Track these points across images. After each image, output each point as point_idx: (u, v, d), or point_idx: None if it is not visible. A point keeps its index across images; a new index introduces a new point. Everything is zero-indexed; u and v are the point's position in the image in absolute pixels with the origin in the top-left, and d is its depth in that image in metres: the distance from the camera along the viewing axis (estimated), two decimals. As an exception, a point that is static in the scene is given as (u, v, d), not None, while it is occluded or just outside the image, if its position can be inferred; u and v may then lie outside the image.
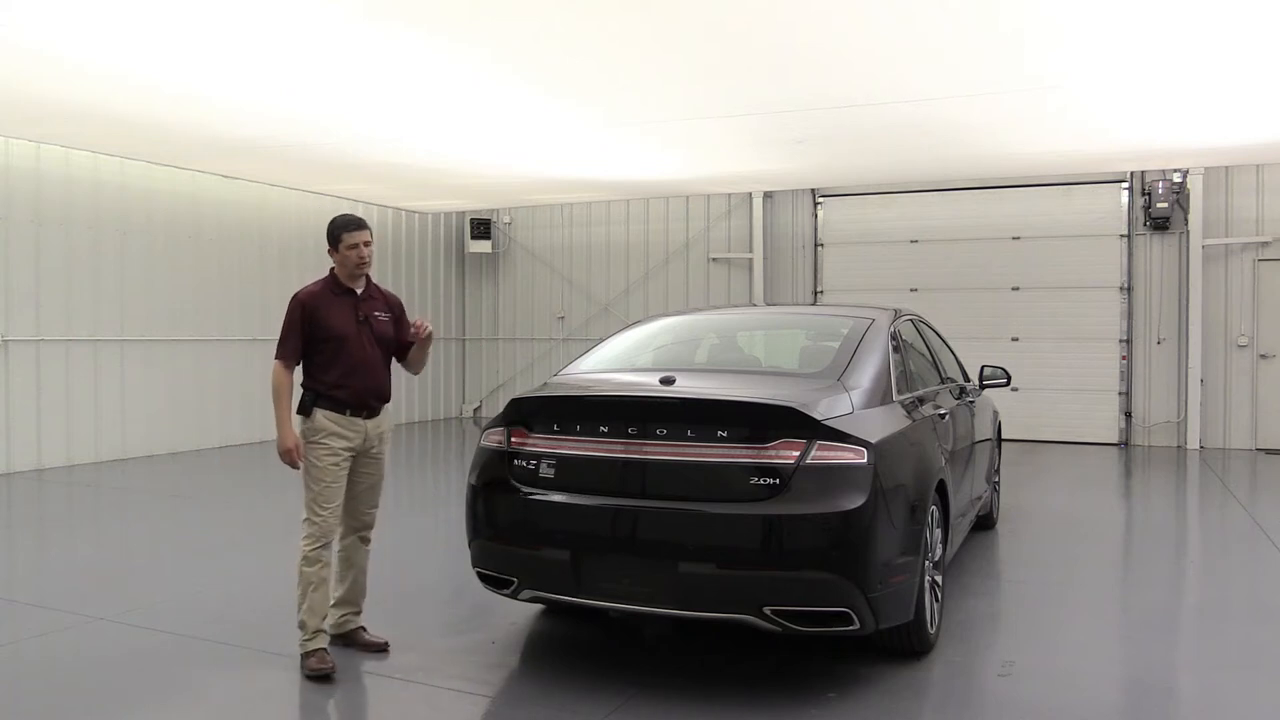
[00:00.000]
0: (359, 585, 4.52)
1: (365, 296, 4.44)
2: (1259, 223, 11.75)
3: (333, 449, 4.26)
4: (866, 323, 4.84)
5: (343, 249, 4.35)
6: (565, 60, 7.20)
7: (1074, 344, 12.51)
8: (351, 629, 4.48)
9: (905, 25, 6.34)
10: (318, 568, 4.23)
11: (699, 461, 3.85)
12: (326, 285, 4.41)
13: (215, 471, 10.38)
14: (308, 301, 4.33)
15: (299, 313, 4.31)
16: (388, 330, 4.48)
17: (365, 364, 4.34)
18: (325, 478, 4.24)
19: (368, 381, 4.34)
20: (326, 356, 4.30)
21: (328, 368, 4.29)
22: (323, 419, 4.26)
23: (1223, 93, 7.98)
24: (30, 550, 6.92)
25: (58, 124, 9.06)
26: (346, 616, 4.48)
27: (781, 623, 3.73)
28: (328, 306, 4.34)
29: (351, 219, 4.43)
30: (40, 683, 4.16)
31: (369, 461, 4.42)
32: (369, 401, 4.36)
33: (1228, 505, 8.52)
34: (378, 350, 4.43)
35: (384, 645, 4.42)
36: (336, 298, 4.37)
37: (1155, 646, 4.74)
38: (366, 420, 4.35)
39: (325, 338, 4.30)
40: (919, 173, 12.19)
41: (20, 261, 9.86)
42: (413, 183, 12.51)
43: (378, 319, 4.44)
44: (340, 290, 4.39)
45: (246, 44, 6.67)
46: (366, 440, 4.36)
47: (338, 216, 4.46)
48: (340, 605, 4.47)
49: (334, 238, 4.37)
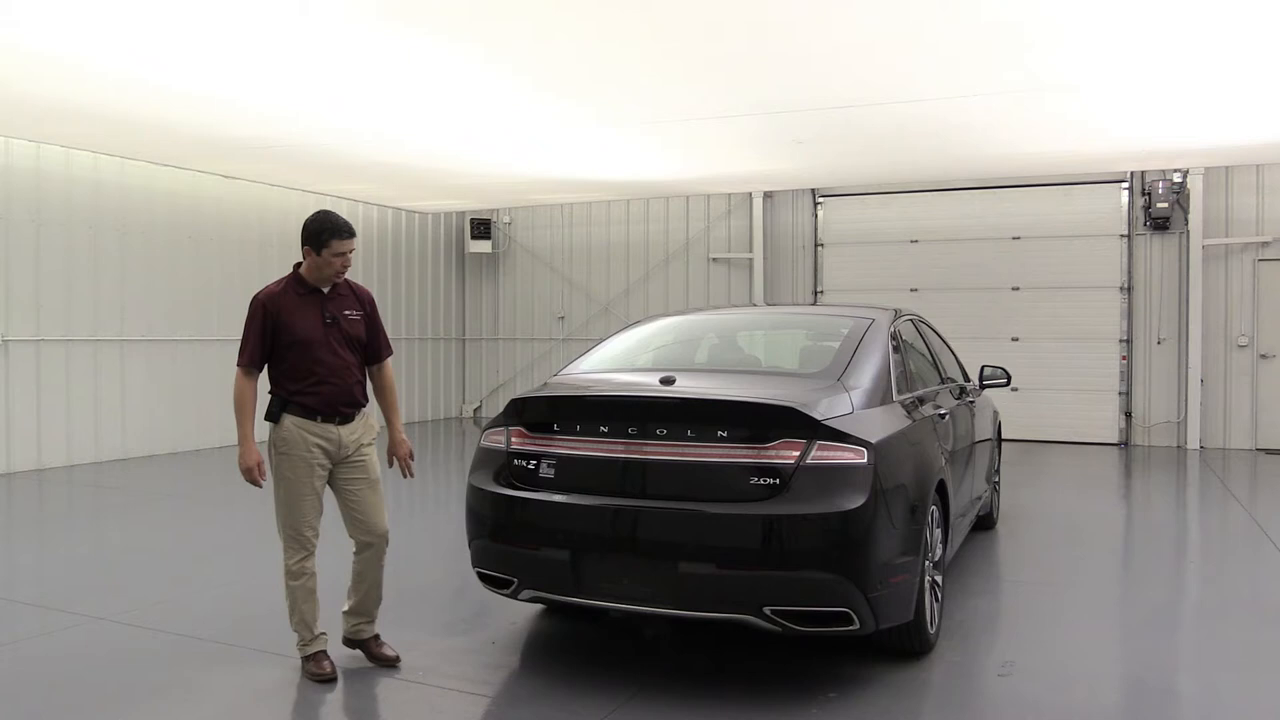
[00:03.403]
0: (372, 597, 4.25)
1: (333, 295, 4.14)
2: (1259, 223, 11.75)
3: (304, 459, 4.01)
4: (866, 323, 4.84)
5: (326, 254, 4.03)
6: (566, 60, 7.20)
7: (1074, 344, 12.51)
8: (364, 638, 4.28)
9: (905, 25, 6.34)
10: (303, 580, 4.06)
11: (699, 461, 3.85)
12: (289, 284, 4.09)
13: (215, 471, 10.37)
14: (268, 303, 4.03)
15: (260, 316, 4.01)
16: (359, 330, 4.18)
17: (335, 368, 4.05)
18: (298, 491, 4.01)
19: (338, 387, 4.06)
20: (291, 362, 4.02)
21: (294, 374, 4.02)
22: (291, 426, 4.01)
23: (1223, 93, 7.98)
24: (30, 550, 6.91)
25: (58, 124, 9.06)
26: (359, 626, 4.27)
27: (781, 623, 3.73)
28: (291, 308, 4.04)
29: (342, 224, 4.08)
30: (40, 683, 4.15)
31: (352, 467, 4.13)
32: (339, 408, 4.08)
33: (1228, 505, 8.52)
34: (348, 353, 4.12)
35: (395, 659, 4.23)
36: (301, 298, 4.07)
37: (1155, 646, 4.74)
38: (340, 426, 4.08)
39: (289, 342, 4.00)
40: (919, 173, 12.19)
41: (20, 261, 9.86)
42: (413, 183, 12.52)
43: (347, 318, 4.14)
44: (305, 290, 4.09)
45: (247, 44, 6.67)
46: (342, 447, 4.09)
47: (324, 216, 4.09)
48: (352, 615, 4.26)
49: (318, 240, 4.02)
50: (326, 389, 4.05)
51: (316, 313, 4.09)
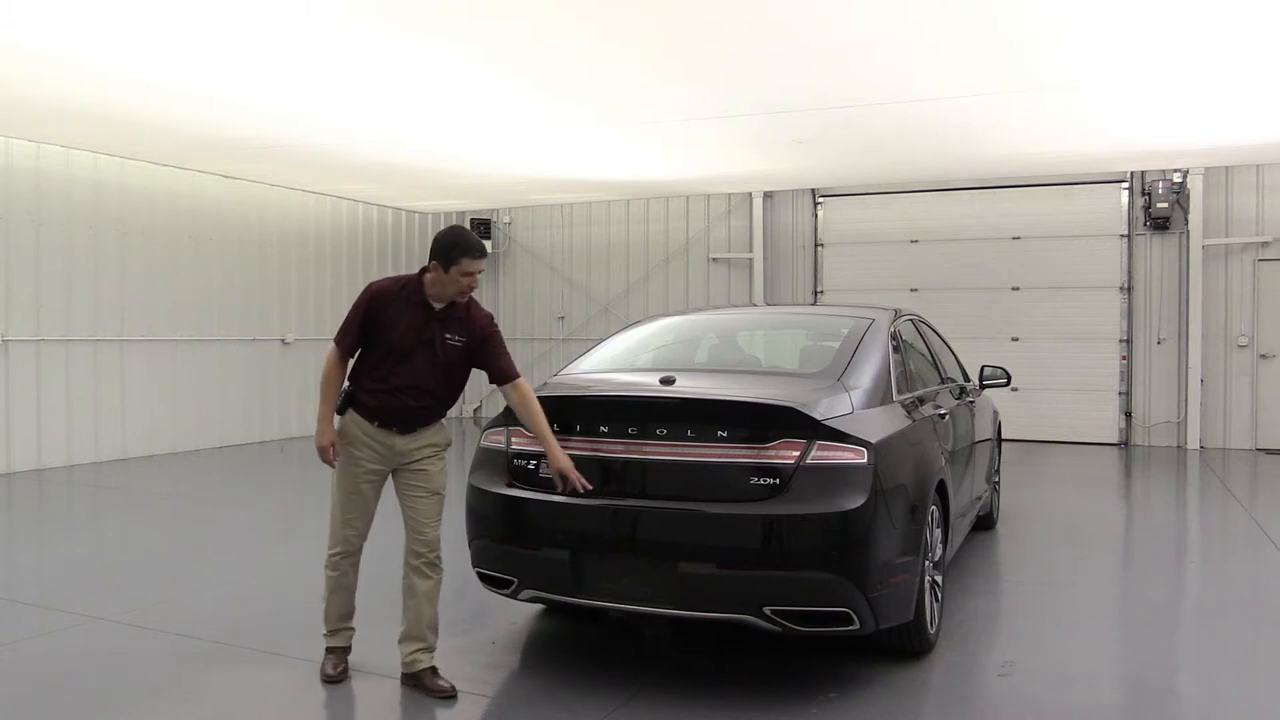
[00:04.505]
0: (422, 618, 3.99)
1: (445, 314, 3.97)
2: (1259, 223, 11.74)
3: (356, 459, 3.97)
4: (866, 323, 4.84)
5: (455, 272, 3.86)
6: (565, 60, 7.20)
7: (1074, 344, 12.50)
8: (420, 669, 3.96)
9: (905, 25, 6.34)
10: (336, 575, 4.09)
11: (699, 461, 3.85)
12: (407, 287, 3.95)
13: (215, 471, 10.38)
14: (376, 296, 3.94)
15: (364, 304, 3.93)
16: (453, 357, 3.99)
17: (410, 384, 3.92)
18: (345, 487, 4.01)
19: (406, 401, 3.93)
20: (373, 359, 3.96)
21: (371, 372, 3.96)
22: (351, 424, 3.97)
23: (1223, 93, 7.98)
24: (30, 550, 6.91)
25: (58, 124, 9.06)
26: (415, 655, 3.98)
27: (781, 623, 3.73)
28: (397, 310, 3.92)
29: (475, 244, 3.90)
30: (40, 683, 4.15)
31: (412, 474, 4.02)
32: (399, 419, 3.97)
33: (1228, 505, 8.52)
34: (433, 374, 3.96)
35: (452, 692, 3.89)
36: (412, 306, 3.93)
37: (1155, 646, 4.74)
38: (398, 435, 3.97)
39: (381, 341, 3.92)
40: (919, 173, 12.19)
41: (20, 261, 9.86)
42: (413, 183, 12.52)
43: (446, 341, 3.96)
44: (418, 298, 3.94)
45: (247, 44, 6.67)
46: (399, 455, 3.99)
47: (457, 232, 3.94)
48: (405, 641, 4.01)
49: (448, 256, 3.85)
50: (390, 400, 3.94)
51: (418, 326, 3.93)
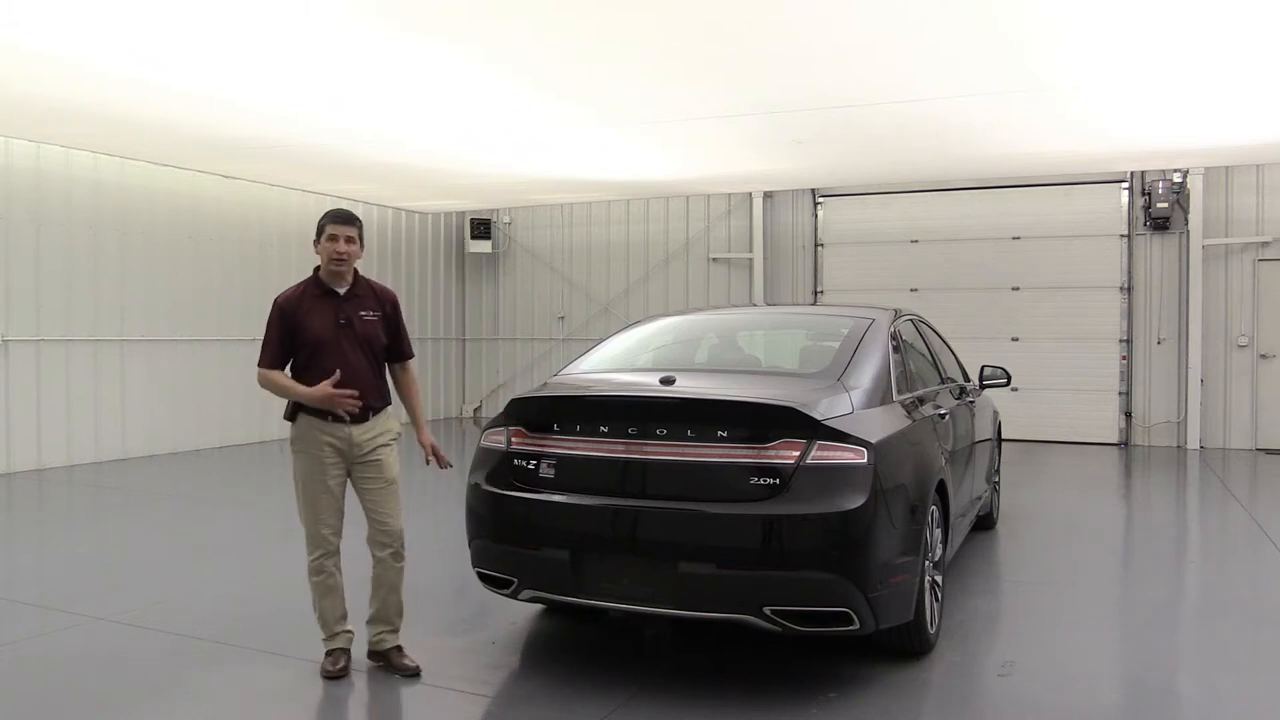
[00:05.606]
0: (390, 604, 4.21)
1: (349, 296, 4.20)
2: (1259, 223, 11.75)
3: (316, 457, 4.09)
4: (866, 323, 4.84)
5: (323, 240, 4.15)
6: (565, 60, 7.20)
7: (1074, 344, 12.51)
8: (386, 648, 4.22)
9: (905, 25, 6.34)
10: (322, 578, 4.15)
11: (699, 461, 3.85)
12: (307, 287, 4.20)
13: (215, 471, 10.38)
14: (285, 305, 4.15)
15: (276, 318, 4.13)
16: (374, 330, 4.22)
17: (346, 370, 4.07)
18: (313, 488, 4.11)
19: (349, 388, 4.06)
20: (303, 360, 4.11)
21: (304, 370, 4.10)
22: (305, 426, 4.11)
23: (1223, 93, 7.98)
24: (30, 550, 6.91)
25: (58, 124, 9.06)
26: (381, 635, 4.22)
27: (781, 623, 3.73)
28: (307, 310, 4.13)
29: (338, 212, 4.21)
30: (40, 683, 4.15)
31: (368, 466, 4.17)
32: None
33: (1228, 505, 8.52)
34: (361, 354, 4.16)
35: (416, 670, 4.14)
36: (317, 300, 4.15)
37: (1155, 646, 4.74)
38: (352, 426, 4.11)
39: (303, 343, 4.10)
40: (919, 173, 12.19)
41: (20, 261, 9.86)
42: (413, 183, 12.52)
43: (363, 319, 4.19)
44: (321, 291, 4.17)
45: (247, 44, 6.67)
46: (355, 446, 4.13)
47: (328, 210, 4.28)
48: (373, 623, 4.23)
49: (319, 232, 4.17)
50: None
51: (331, 314, 4.15)
